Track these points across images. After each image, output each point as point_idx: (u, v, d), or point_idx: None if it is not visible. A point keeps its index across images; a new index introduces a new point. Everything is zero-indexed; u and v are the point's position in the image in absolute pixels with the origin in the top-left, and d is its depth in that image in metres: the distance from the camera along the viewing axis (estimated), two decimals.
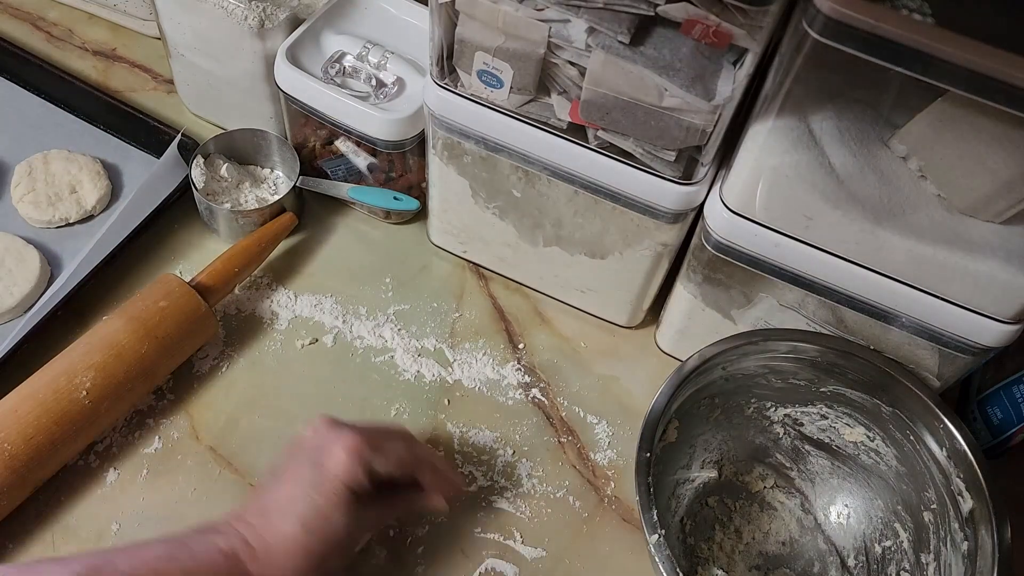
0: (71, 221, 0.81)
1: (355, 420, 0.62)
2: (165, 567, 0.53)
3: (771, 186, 0.60)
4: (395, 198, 0.81)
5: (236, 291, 0.79)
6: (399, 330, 0.79)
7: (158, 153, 0.83)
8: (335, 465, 0.57)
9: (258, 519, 0.56)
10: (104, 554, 0.54)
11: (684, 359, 0.66)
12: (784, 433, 0.73)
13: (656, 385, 0.65)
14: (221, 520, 0.57)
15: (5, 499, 0.64)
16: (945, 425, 0.64)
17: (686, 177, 0.64)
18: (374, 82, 0.77)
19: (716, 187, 0.65)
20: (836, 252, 0.62)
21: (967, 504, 0.63)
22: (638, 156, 0.64)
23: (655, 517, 0.59)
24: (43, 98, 0.88)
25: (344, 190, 0.82)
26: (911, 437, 0.67)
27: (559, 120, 0.64)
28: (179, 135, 0.83)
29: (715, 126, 0.59)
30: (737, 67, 0.57)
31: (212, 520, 0.57)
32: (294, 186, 0.81)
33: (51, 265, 0.78)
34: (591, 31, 0.57)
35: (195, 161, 0.80)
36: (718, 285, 0.71)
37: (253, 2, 0.76)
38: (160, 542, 0.55)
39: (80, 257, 0.75)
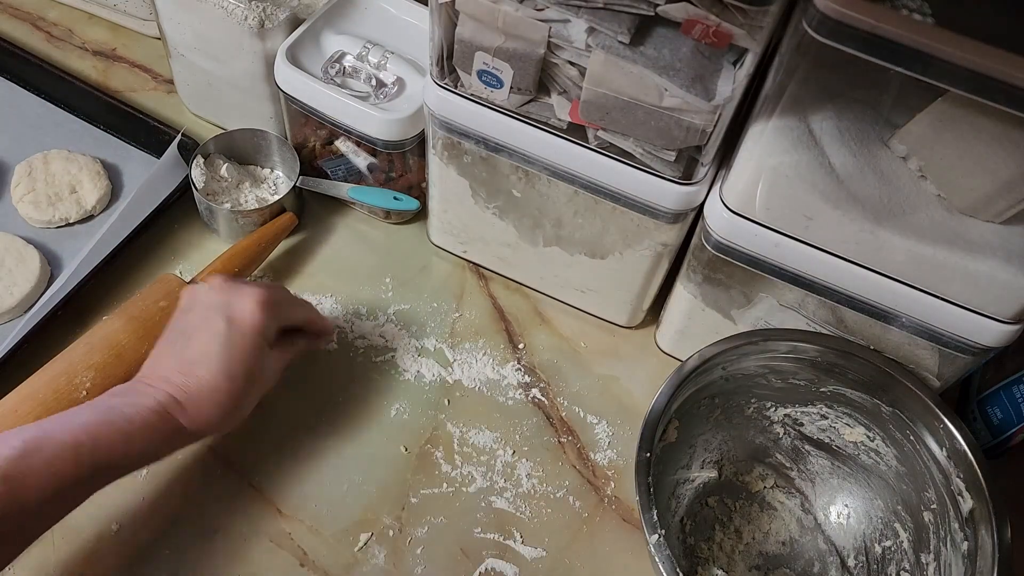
0: (71, 221, 0.81)
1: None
2: (104, 432, 0.56)
3: (771, 186, 0.60)
4: (395, 198, 0.81)
5: None
6: (399, 330, 0.79)
7: (158, 153, 0.83)
8: (250, 317, 0.63)
9: (181, 376, 0.60)
10: (39, 426, 0.55)
11: (684, 359, 0.66)
12: (784, 433, 0.73)
13: (656, 385, 0.65)
14: (141, 380, 0.61)
15: None
16: (945, 425, 0.64)
17: (686, 177, 0.64)
18: (374, 82, 0.77)
19: (716, 187, 0.65)
20: (836, 252, 0.62)
21: (967, 504, 0.63)
22: (638, 156, 0.64)
23: (655, 517, 0.59)
24: (43, 98, 0.88)
25: (344, 190, 0.82)
26: (911, 437, 0.67)
27: (559, 120, 0.64)
28: (179, 135, 0.83)
29: (715, 126, 0.59)
30: (737, 67, 0.57)
31: (132, 383, 0.61)
32: (294, 186, 0.81)
33: (51, 265, 0.78)
34: (591, 31, 0.57)
35: (195, 161, 0.80)
36: (718, 285, 0.71)
37: (253, 2, 0.76)
38: (90, 408, 0.58)
39: (80, 257, 0.75)
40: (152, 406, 0.58)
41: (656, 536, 0.58)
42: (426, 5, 0.64)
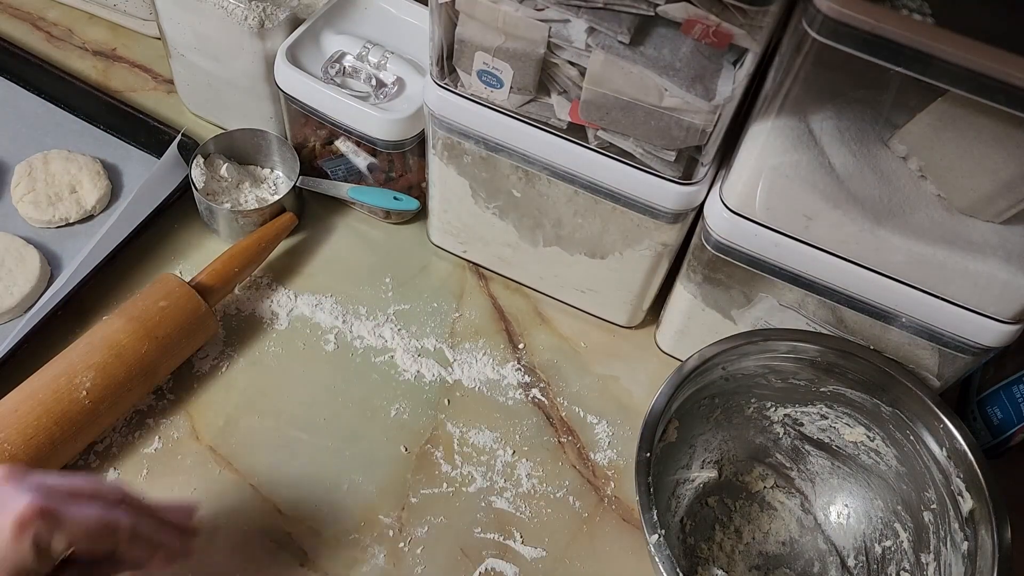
0: (71, 221, 0.81)
1: (54, 474, 0.53)
2: None
3: (771, 186, 0.60)
4: (395, 198, 0.81)
5: (236, 291, 0.79)
6: (399, 330, 0.79)
7: (158, 153, 0.83)
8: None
9: None
10: None
11: (684, 359, 0.66)
12: (784, 433, 0.73)
13: (656, 385, 0.65)
14: None
15: None
16: (945, 425, 0.64)
17: (686, 177, 0.64)
18: (374, 82, 0.77)
19: (716, 187, 0.65)
20: (836, 252, 0.62)
21: (967, 504, 0.63)
22: (638, 156, 0.64)
23: (655, 517, 0.59)
24: (43, 98, 0.88)
25: (344, 190, 0.82)
26: (911, 437, 0.67)
27: (559, 120, 0.64)
28: (179, 135, 0.83)
29: (715, 126, 0.59)
30: (737, 67, 0.57)
31: None
32: (294, 186, 0.81)
33: (51, 265, 0.78)
34: (591, 31, 0.57)
35: (195, 161, 0.80)
36: (718, 285, 0.71)
37: (253, 2, 0.76)
38: None
39: (80, 257, 0.75)
40: None
41: (656, 536, 0.58)
42: (426, 5, 0.64)
